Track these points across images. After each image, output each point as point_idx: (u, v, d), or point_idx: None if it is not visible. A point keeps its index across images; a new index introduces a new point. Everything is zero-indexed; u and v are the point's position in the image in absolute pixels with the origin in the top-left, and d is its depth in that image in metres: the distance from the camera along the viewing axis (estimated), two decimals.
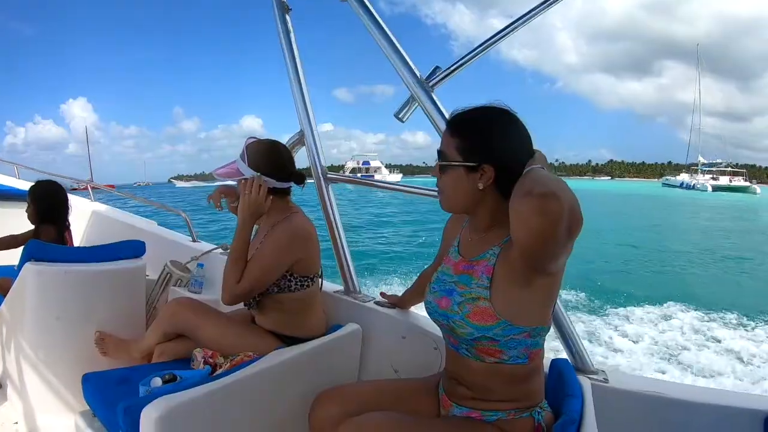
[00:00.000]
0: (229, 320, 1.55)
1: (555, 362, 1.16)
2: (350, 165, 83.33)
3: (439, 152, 1.01)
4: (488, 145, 0.95)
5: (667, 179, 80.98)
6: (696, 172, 75.72)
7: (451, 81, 1.45)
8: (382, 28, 1.52)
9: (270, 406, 1.29)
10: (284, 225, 1.46)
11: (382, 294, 1.79)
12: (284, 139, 1.76)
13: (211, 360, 1.38)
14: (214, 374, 1.26)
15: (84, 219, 3.43)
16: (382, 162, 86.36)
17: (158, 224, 3.27)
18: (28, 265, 1.70)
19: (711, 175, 70.88)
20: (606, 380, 1.27)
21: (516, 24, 1.35)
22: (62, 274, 1.73)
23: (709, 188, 60.21)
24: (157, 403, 1.02)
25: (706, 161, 77.76)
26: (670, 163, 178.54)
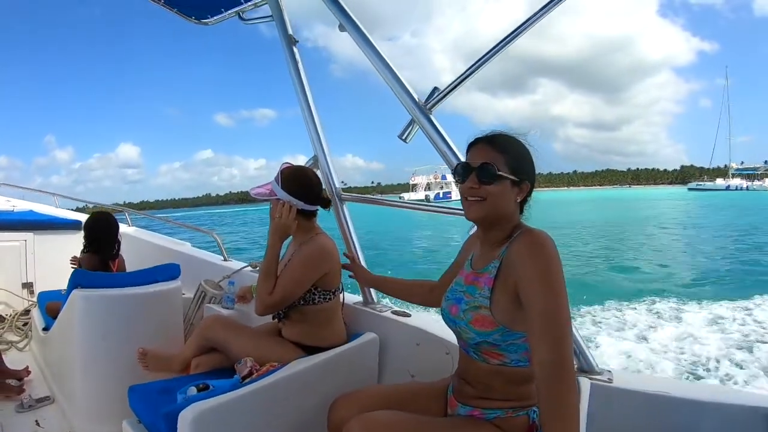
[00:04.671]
0: (256, 334, 1.68)
1: None
2: (423, 180, 69.30)
3: (486, 164, 1.05)
4: (530, 165, 1.10)
5: (698, 183, 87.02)
6: (726, 176, 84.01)
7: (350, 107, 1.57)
8: (381, 56, 1.63)
9: (292, 410, 1.40)
10: (311, 244, 1.61)
11: (345, 266, 1.73)
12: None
13: (256, 370, 1.50)
14: (244, 382, 1.38)
15: (124, 243, 3.68)
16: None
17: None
18: (75, 292, 1.89)
19: (745, 178, 78.64)
20: (610, 380, 1.29)
21: (498, 47, 1.44)
22: (105, 298, 1.90)
23: None
24: (191, 408, 1.15)
25: (739, 166, 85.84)
26: (575, 171, 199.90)
